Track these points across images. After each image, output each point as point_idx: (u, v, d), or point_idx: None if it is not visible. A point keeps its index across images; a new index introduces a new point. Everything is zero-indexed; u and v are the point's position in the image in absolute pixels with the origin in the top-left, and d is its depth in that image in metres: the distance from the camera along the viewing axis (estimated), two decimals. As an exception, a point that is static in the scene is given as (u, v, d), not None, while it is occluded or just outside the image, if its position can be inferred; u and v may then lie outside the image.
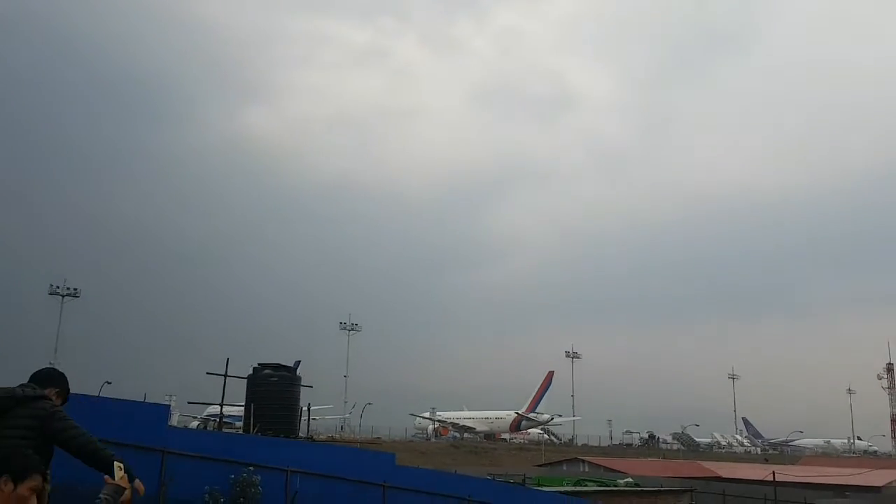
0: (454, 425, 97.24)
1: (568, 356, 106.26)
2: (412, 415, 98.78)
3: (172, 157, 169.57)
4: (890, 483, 48.22)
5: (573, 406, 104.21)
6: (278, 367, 34.33)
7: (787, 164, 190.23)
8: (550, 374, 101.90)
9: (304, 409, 36.02)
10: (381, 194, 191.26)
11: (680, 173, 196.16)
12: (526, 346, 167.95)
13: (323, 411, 79.04)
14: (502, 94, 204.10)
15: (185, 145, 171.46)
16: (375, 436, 79.55)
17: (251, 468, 13.52)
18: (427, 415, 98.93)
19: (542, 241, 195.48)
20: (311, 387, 37.66)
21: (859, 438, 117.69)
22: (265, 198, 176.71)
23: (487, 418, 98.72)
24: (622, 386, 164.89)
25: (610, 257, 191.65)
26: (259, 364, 34.04)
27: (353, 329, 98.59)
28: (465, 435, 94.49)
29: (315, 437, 53.87)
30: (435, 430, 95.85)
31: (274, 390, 32.21)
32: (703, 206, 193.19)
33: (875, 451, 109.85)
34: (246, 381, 32.84)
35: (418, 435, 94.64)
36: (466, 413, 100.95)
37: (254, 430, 28.92)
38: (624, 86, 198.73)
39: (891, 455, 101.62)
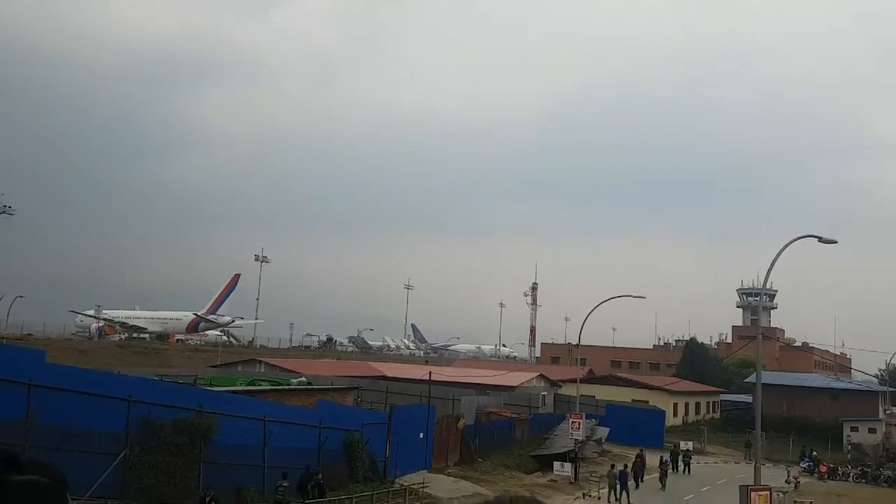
0: (123, 325, 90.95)
1: (257, 260, 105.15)
2: (73, 312, 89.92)
3: None
4: (523, 383, 56.90)
5: (257, 309, 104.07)
6: None
7: (489, 98, 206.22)
8: (236, 277, 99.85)
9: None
10: (60, 62, 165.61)
11: (385, 88, 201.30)
12: (217, 248, 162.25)
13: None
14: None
15: None
16: (26, 332, 70.94)
17: None
18: (92, 312, 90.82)
19: (245, 139, 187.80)
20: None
21: (504, 345, 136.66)
22: None
23: (162, 318, 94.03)
24: (308, 291, 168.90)
25: (313, 165, 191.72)
26: None
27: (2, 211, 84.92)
28: (136, 335, 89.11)
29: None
30: (99, 328, 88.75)
31: None
32: (401, 123, 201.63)
33: (515, 357, 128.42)
34: None
35: (79, 333, 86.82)
36: (138, 313, 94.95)
37: None
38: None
39: (527, 360, 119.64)
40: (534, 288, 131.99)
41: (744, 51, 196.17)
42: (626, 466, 33.06)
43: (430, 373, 40.70)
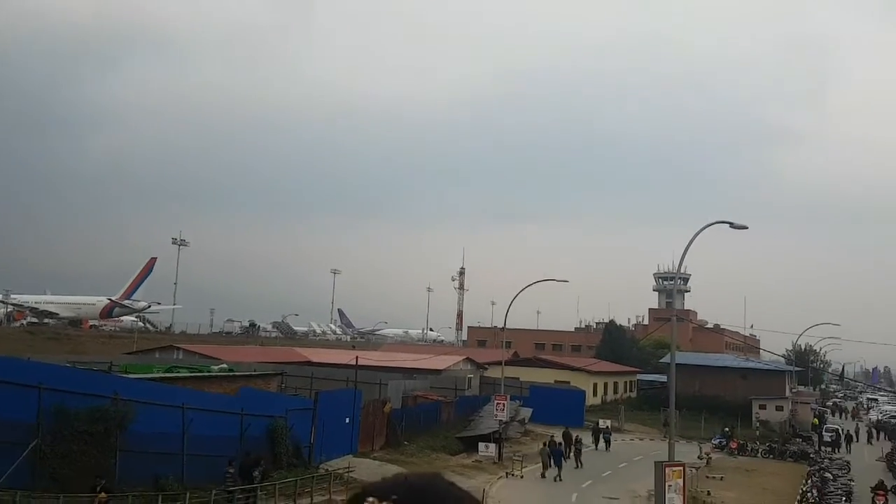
0: (33, 310, 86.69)
1: (175, 243, 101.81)
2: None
3: None
4: (449, 366, 57.36)
5: (175, 294, 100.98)
6: None
7: (422, 83, 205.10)
8: (152, 261, 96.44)
9: None
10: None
11: (314, 69, 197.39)
12: (132, 231, 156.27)
13: None
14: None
15: None
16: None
17: None
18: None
19: (165, 119, 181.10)
20: None
21: (431, 330, 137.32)
22: None
23: (74, 304, 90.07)
24: (230, 276, 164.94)
25: (236, 147, 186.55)
26: None
27: None
28: (47, 320, 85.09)
29: None
30: (8, 314, 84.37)
31: None
32: (330, 106, 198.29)
33: (443, 341, 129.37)
34: None
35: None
36: (49, 297, 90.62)
37: None
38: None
39: (454, 343, 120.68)
40: (461, 273, 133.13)
41: (665, 45, 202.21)
42: (560, 444, 34.30)
43: (357, 358, 40.51)
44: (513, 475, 32.19)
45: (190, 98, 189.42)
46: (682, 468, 17.98)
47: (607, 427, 44.78)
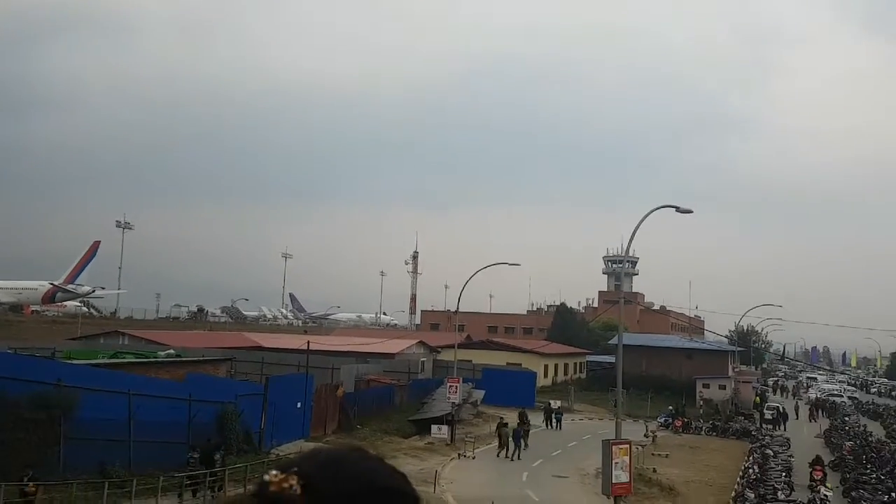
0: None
1: (119, 226, 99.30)
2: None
3: None
4: (403, 350, 57.39)
5: (119, 278, 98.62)
6: None
7: (374, 65, 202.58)
8: (96, 244, 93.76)
9: None
10: None
11: (262, 50, 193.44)
12: (75, 214, 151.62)
13: None
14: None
15: None
16: None
17: None
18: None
19: (109, 99, 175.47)
20: None
21: (385, 314, 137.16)
22: None
23: (15, 288, 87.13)
24: (177, 260, 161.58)
25: (182, 128, 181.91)
26: None
27: None
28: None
29: None
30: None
31: None
32: (280, 87, 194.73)
33: (396, 325, 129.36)
34: None
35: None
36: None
37: None
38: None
39: (407, 327, 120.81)
40: (415, 256, 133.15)
41: (617, 35, 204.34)
42: (521, 425, 35.29)
43: (309, 342, 40.24)
44: (465, 456, 32.52)
45: (139, 79, 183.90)
46: (628, 446, 18.45)
47: (559, 408, 45.65)
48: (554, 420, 43.69)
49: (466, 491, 25.91)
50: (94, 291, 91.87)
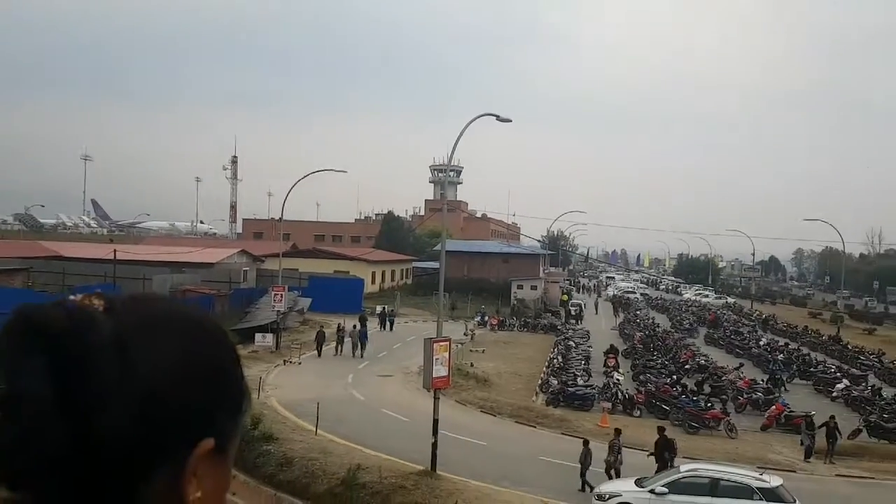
0: None
1: None
2: None
3: None
4: (222, 259, 55.31)
5: None
6: None
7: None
8: None
9: None
10: None
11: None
12: None
13: None
14: None
15: None
16: None
17: None
18: None
19: None
20: None
21: (202, 222, 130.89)
22: None
23: None
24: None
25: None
26: None
27: None
28: None
29: None
30: None
31: None
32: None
33: (215, 234, 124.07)
34: None
35: None
36: None
37: None
38: None
39: (227, 237, 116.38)
40: (234, 161, 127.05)
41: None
42: (355, 326, 36.58)
43: (115, 251, 37.60)
44: (291, 362, 32.63)
45: None
46: (448, 343, 19.35)
47: (392, 311, 47.36)
48: (388, 322, 45.62)
49: (292, 395, 26.12)
50: None
